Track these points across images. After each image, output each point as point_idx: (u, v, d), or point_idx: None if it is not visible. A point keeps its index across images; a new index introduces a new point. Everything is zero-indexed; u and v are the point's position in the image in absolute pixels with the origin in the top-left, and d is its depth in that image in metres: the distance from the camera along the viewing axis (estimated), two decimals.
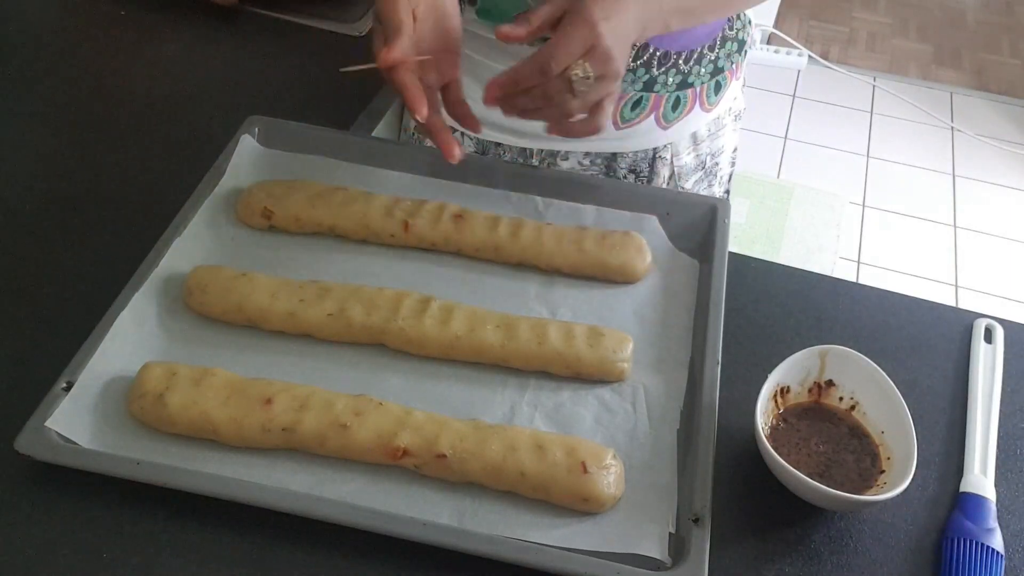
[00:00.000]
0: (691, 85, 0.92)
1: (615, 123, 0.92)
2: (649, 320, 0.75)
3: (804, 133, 2.74)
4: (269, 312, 0.72)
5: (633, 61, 0.88)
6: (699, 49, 0.91)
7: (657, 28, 0.73)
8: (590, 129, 0.72)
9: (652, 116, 0.93)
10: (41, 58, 1.06)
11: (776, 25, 3.00)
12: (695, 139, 0.99)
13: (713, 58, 0.92)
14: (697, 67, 0.91)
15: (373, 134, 1.00)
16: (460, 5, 0.87)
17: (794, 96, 2.88)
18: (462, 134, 0.97)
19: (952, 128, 2.77)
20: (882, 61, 3.05)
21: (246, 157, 0.85)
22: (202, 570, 0.59)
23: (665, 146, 0.96)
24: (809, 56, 2.98)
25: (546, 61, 0.67)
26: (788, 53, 2.97)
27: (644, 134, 0.94)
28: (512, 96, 0.71)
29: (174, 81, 1.03)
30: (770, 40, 3.03)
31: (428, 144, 0.97)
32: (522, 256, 0.78)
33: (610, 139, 0.93)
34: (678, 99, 0.93)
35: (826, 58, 3.01)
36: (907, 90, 2.90)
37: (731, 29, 0.93)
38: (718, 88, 0.95)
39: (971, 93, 2.93)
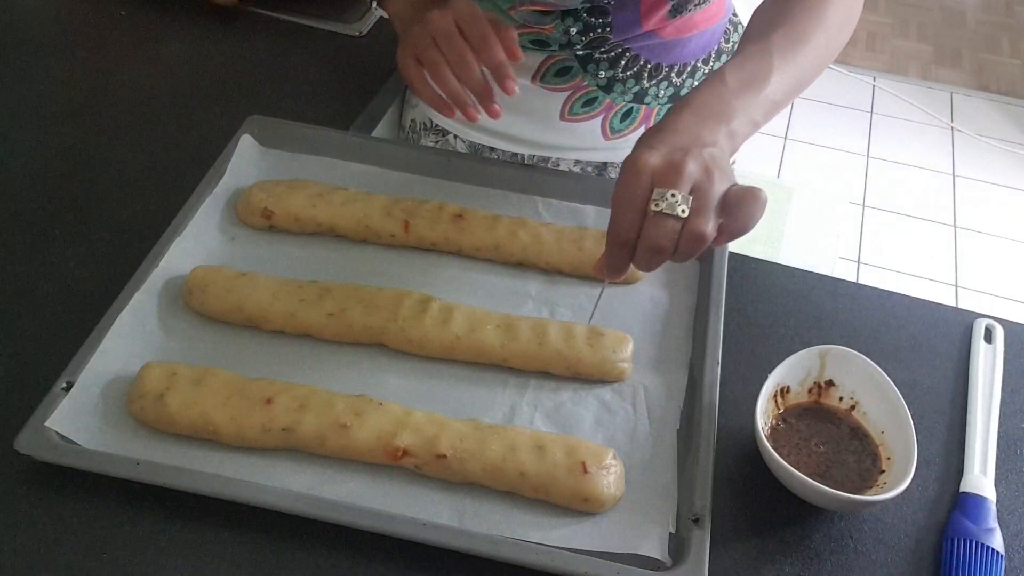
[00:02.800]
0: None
1: (604, 133, 0.91)
2: (649, 320, 0.75)
3: (804, 133, 2.73)
4: (269, 312, 0.72)
5: (623, 72, 0.87)
6: (693, 62, 0.90)
7: (744, 126, 0.67)
8: (742, 226, 0.62)
9: (643, 127, 0.92)
10: (41, 58, 1.06)
11: None
12: None
13: (706, 71, 0.91)
14: (691, 80, 0.90)
15: (373, 134, 1.00)
16: None
17: None
18: (455, 136, 0.96)
19: (952, 128, 2.76)
20: (882, 61, 3.04)
21: (246, 157, 0.85)
22: (202, 570, 0.59)
23: None
24: None
25: (616, 218, 0.63)
26: None
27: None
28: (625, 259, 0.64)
29: (174, 81, 1.03)
30: None
31: (429, 143, 0.97)
32: (522, 256, 0.78)
33: (600, 149, 0.92)
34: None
35: None
36: (907, 90, 2.90)
37: (727, 42, 0.92)
38: None
39: (971, 93, 2.92)
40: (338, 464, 0.64)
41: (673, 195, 0.59)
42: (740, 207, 0.61)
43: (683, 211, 0.59)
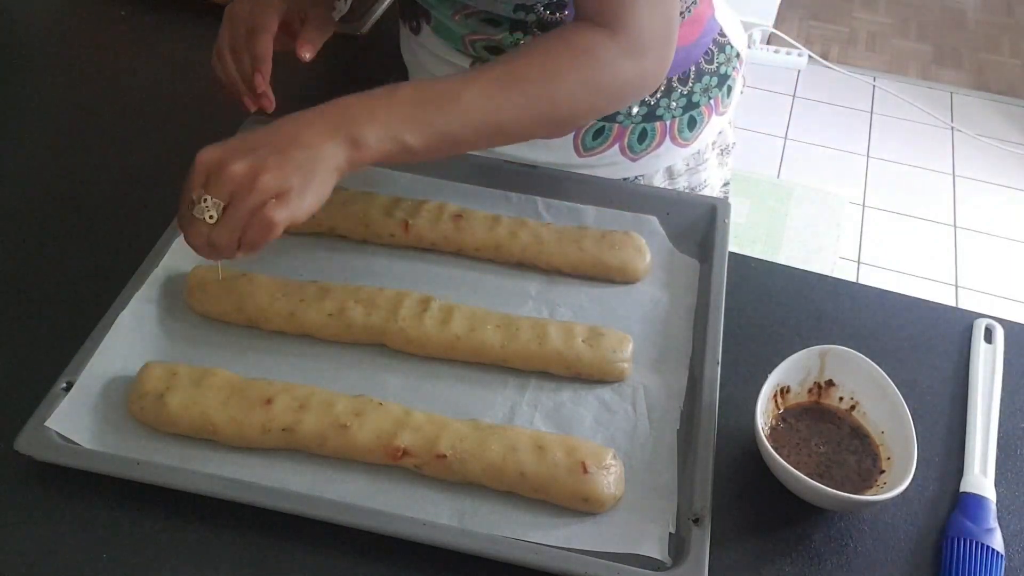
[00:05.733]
0: (659, 118, 0.87)
1: (577, 151, 0.88)
2: (649, 320, 0.75)
3: (804, 133, 2.73)
4: (269, 312, 0.72)
5: None
6: (667, 81, 0.85)
7: (382, 141, 0.63)
8: (247, 245, 0.62)
9: (616, 146, 0.88)
10: (41, 58, 1.06)
11: (776, 25, 3.00)
12: (671, 173, 0.94)
13: (685, 92, 0.87)
14: (666, 100, 0.86)
15: None
16: (417, 21, 0.87)
17: (794, 96, 2.88)
18: None
19: (952, 128, 2.77)
20: (882, 61, 3.05)
21: None
22: (202, 570, 0.59)
23: (636, 177, 0.92)
24: (809, 56, 2.97)
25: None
26: (788, 53, 2.97)
27: (610, 164, 0.90)
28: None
29: (174, 81, 1.03)
30: (770, 40, 3.03)
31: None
32: (522, 256, 0.78)
33: (574, 166, 0.89)
34: (644, 131, 0.88)
35: (826, 58, 3.01)
36: (907, 90, 2.90)
37: (709, 63, 0.88)
38: (693, 124, 0.90)
39: (971, 93, 2.92)
40: (338, 464, 0.64)
41: (205, 200, 0.61)
42: (252, 227, 0.61)
43: (210, 217, 0.61)
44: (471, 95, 0.65)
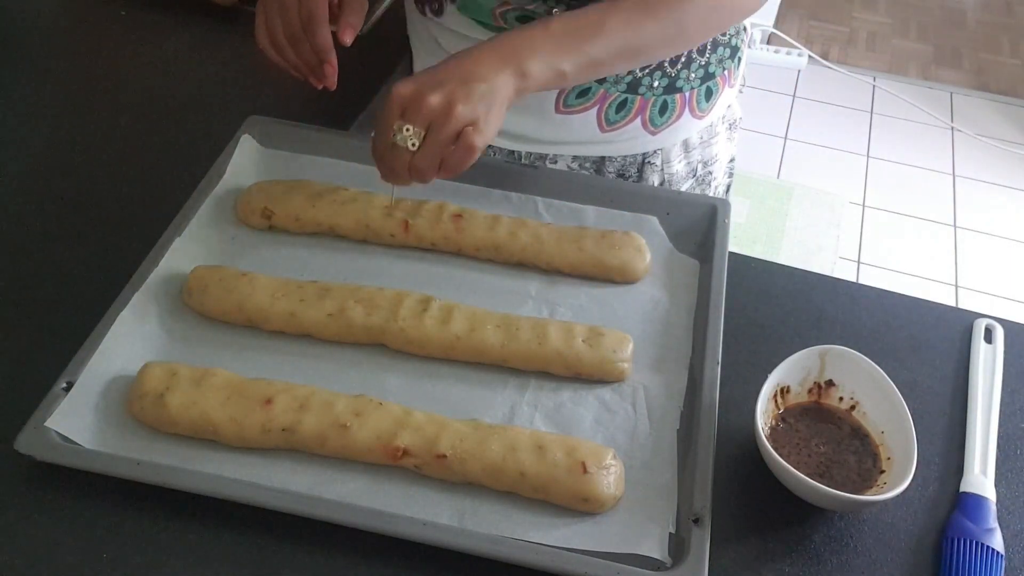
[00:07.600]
0: (679, 90, 0.90)
1: (600, 125, 0.90)
2: (649, 320, 0.75)
3: (804, 133, 2.74)
4: (269, 312, 0.72)
5: None
6: (688, 52, 0.89)
7: (543, 70, 0.70)
8: (452, 168, 0.69)
9: (638, 119, 0.90)
10: (41, 58, 1.06)
11: (776, 25, 3.00)
12: (686, 146, 0.96)
13: (703, 63, 0.90)
14: (685, 71, 0.89)
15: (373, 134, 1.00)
16: (440, 3, 0.87)
17: (794, 96, 2.88)
18: None
19: (952, 128, 2.77)
20: (882, 61, 3.05)
21: (246, 157, 0.85)
22: (202, 570, 0.59)
23: (655, 152, 0.94)
24: (809, 56, 2.97)
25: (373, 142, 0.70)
26: (788, 53, 2.97)
27: (631, 138, 0.92)
28: None
29: (174, 81, 1.03)
30: (770, 40, 3.03)
31: None
32: (522, 256, 0.78)
33: (596, 142, 0.91)
34: (665, 103, 0.90)
35: (826, 58, 3.01)
36: (907, 90, 2.90)
37: (723, 34, 0.91)
38: (709, 94, 0.93)
39: (971, 93, 2.92)
40: (338, 464, 0.64)
41: (407, 129, 0.66)
42: (455, 152, 0.67)
43: (412, 145, 0.67)
44: (613, 23, 0.71)
